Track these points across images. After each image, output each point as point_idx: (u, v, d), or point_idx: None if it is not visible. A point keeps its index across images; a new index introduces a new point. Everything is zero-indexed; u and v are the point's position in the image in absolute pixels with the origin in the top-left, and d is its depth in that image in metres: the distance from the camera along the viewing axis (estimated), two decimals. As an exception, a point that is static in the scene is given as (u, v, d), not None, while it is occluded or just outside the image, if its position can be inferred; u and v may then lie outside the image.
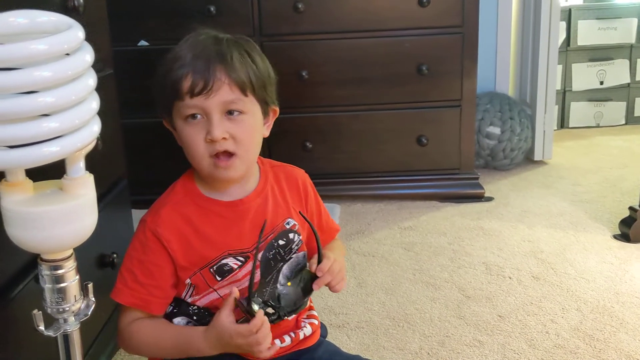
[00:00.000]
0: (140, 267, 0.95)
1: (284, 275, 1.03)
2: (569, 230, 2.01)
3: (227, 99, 0.91)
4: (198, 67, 0.90)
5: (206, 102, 0.90)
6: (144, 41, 2.14)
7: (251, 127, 0.95)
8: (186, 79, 0.91)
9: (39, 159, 0.63)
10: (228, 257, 0.98)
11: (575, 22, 3.22)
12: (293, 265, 1.05)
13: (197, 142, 0.92)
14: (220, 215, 0.98)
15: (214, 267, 0.97)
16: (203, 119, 0.92)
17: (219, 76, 0.90)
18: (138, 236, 0.96)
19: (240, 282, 0.99)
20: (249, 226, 0.99)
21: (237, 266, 0.98)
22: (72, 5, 1.13)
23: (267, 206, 1.02)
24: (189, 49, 0.94)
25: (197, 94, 0.90)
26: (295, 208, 1.05)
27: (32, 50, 0.60)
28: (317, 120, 2.25)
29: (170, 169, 2.26)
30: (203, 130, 0.91)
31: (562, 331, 1.44)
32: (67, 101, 0.63)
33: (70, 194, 0.69)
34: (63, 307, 0.72)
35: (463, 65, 2.21)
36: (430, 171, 2.31)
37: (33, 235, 0.67)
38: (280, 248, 1.02)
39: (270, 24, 2.14)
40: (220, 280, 0.98)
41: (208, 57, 0.91)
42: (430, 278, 1.71)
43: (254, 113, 0.95)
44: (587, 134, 3.22)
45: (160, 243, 0.95)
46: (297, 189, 1.07)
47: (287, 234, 1.03)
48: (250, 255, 0.99)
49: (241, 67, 0.92)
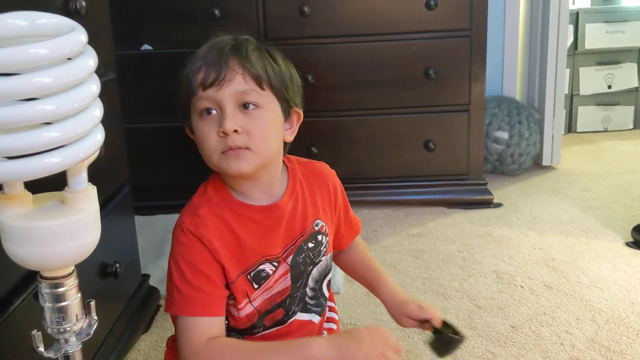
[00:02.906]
0: (190, 270, 0.89)
1: (313, 279, 1.00)
2: (580, 237, 1.97)
3: (240, 89, 0.87)
4: (211, 59, 0.87)
5: (218, 93, 0.86)
6: (148, 45, 2.11)
7: (267, 122, 0.89)
8: (199, 73, 0.87)
9: (39, 170, 0.59)
10: (265, 263, 0.95)
11: (582, 25, 3.18)
12: (322, 268, 1.02)
13: (209, 137, 0.87)
14: (255, 220, 0.94)
15: (252, 274, 0.94)
16: (217, 114, 0.87)
17: (232, 66, 0.87)
18: (179, 240, 0.91)
19: (271, 289, 0.96)
20: (283, 230, 0.96)
21: (272, 272, 0.95)
22: (74, 8, 1.10)
23: (297, 207, 0.98)
24: (206, 46, 0.91)
25: (209, 85, 0.86)
26: (324, 207, 1.02)
27: (31, 54, 0.56)
28: (323, 125, 2.22)
29: (173, 174, 2.24)
30: (216, 125, 0.87)
31: (577, 342, 1.40)
32: (68, 109, 0.59)
33: (72, 208, 0.65)
34: (64, 327, 0.68)
35: (471, 69, 2.17)
36: (438, 177, 2.28)
37: (32, 252, 0.63)
38: (309, 251, 0.99)
39: (275, 27, 2.11)
40: (257, 289, 0.94)
41: (221, 49, 0.88)
42: (440, 287, 1.67)
43: (272, 109, 0.91)
44: (595, 139, 3.19)
45: (202, 243, 0.90)
46: (327, 188, 1.04)
47: (316, 236, 1.00)
48: (280, 259, 0.96)
49: (257, 60, 0.88)
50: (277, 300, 0.97)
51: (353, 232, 1.15)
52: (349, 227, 1.13)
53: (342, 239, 1.13)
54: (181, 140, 2.17)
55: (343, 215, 1.10)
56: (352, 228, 1.14)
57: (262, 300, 0.96)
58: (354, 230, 1.15)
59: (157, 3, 2.09)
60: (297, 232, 0.97)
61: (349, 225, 1.12)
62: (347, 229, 1.12)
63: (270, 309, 0.98)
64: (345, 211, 1.10)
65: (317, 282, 1.02)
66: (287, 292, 0.98)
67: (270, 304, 0.97)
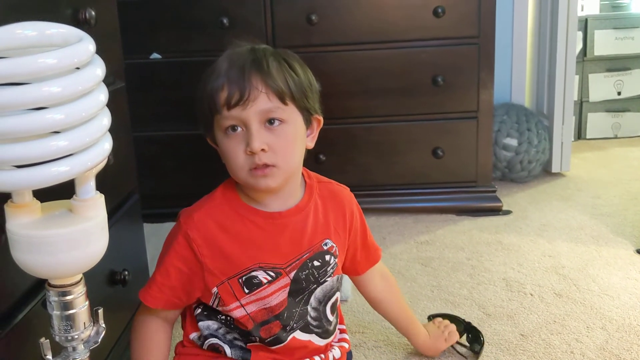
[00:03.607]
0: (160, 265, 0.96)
1: (316, 298, 1.00)
2: (590, 244, 1.95)
3: (264, 108, 0.88)
4: (233, 77, 0.88)
5: (244, 113, 0.87)
6: (157, 54, 2.12)
7: (292, 137, 0.91)
8: (222, 91, 0.88)
9: (48, 179, 0.60)
10: (259, 270, 0.95)
11: (591, 31, 3.17)
12: (327, 289, 1.01)
13: (237, 155, 0.89)
14: (257, 225, 0.95)
15: (243, 278, 0.94)
16: (242, 131, 0.89)
17: (255, 85, 0.88)
18: (170, 234, 0.97)
19: (266, 301, 0.96)
20: (286, 242, 0.96)
21: (267, 281, 0.95)
22: (83, 18, 1.11)
23: (307, 223, 0.98)
24: (225, 60, 0.92)
25: (234, 105, 0.87)
26: (337, 229, 1.02)
27: (40, 64, 0.56)
28: (331, 132, 2.21)
29: (182, 182, 2.25)
30: (243, 142, 0.89)
31: (588, 351, 1.38)
32: (77, 118, 0.60)
33: (80, 216, 0.65)
34: (72, 334, 0.68)
35: (479, 76, 2.17)
36: (447, 184, 2.27)
37: (40, 260, 0.63)
38: (314, 269, 0.98)
39: (283, 35, 2.12)
40: (248, 294, 0.95)
41: (243, 66, 0.89)
42: (449, 295, 1.66)
43: (295, 122, 0.92)
44: (604, 146, 3.17)
45: (189, 245, 0.93)
46: (342, 211, 1.04)
47: (324, 255, 0.99)
48: (282, 272, 0.96)
49: (278, 74, 0.89)
50: (275, 312, 0.97)
51: (371, 260, 1.15)
52: (367, 254, 1.12)
53: (359, 265, 1.13)
54: (190, 148, 2.18)
55: (360, 240, 1.09)
56: (370, 255, 1.13)
57: (258, 309, 0.97)
58: (372, 258, 1.15)
59: (166, 12, 2.10)
60: (304, 247, 0.97)
61: (367, 252, 1.12)
62: (364, 255, 1.12)
63: (266, 319, 0.98)
64: (362, 237, 1.10)
65: (320, 302, 1.01)
66: (284, 304, 0.97)
67: (268, 314, 0.97)
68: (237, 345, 1.00)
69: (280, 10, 2.09)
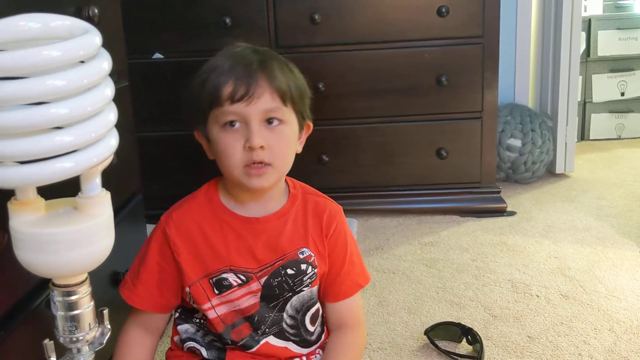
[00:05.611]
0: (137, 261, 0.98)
1: (292, 306, 0.99)
2: (596, 246, 1.94)
3: (267, 107, 0.89)
4: (239, 74, 0.89)
5: (247, 109, 0.88)
6: (159, 54, 2.11)
7: (288, 138, 0.93)
8: (227, 85, 0.89)
9: (52, 175, 0.58)
10: (229, 272, 0.95)
11: (595, 32, 3.16)
12: (305, 299, 1.00)
13: (234, 150, 0.89)
14: (232, 228, 0.96)
15: (214, 279, 0.95)
16: (241, 127, 0.89)
17: (260, 83, 0.89)
18: (152, 231, 0.99)
19: (236, 303, 0.95)
20: (260, 247, 0.96)
21: (237, 284, 0.95)
22: (87, 15, 1.10)
23: (284, 230, 0.97)
24: (227, 59, 0.92)
25: (238, 99, 0.88)
26: (314, 238, 1.00)
27: (44, 56, 0.55)
28: (334, 133, 2.20)
29: (185, 183, 2.22)
30: (241, 138, 0.89)
31: (596, 353, 1.37)
32: (82, 112, 0.58)
33: (85, 214, 0.63)
34: (76, 335, 0.66)
35: (483, 77, 2.15)
36: (451, 185, 2.25)
37: (44, 259, 0.61)
38: (288, 277, 0.97)
39: (286, 35, 2.10)
40: (218, 295, 0.95)
41: (249, 64, 0.90)
42: (454, 296, 1.64)
43: (292, 124, 0.94)
44: (608, 146, 3.15)
45: (167, 243, 0.95)
46: (319, 223, 1.00)
47: (299, 264, 0.98)
48: (253, 276, 0.95)
49: (282, 76, 0.91)
50: (245, 314, 0.97)
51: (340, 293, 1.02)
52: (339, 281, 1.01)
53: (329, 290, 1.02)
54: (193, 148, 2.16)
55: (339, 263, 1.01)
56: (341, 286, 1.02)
57: (228, 311, 0.96)
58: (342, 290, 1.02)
59: (168, 12, 2.09)
60: (278, 254, 0.96)
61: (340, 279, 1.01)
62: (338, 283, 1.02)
63: (236, 322, 0.97)
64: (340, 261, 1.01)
65: (298, 311, 1.00)
66: (256, 308, 0.97)
67: (237, 316, 0.97)
68: (214, 347, 1.00)
69: (283, 9, 2.08)
